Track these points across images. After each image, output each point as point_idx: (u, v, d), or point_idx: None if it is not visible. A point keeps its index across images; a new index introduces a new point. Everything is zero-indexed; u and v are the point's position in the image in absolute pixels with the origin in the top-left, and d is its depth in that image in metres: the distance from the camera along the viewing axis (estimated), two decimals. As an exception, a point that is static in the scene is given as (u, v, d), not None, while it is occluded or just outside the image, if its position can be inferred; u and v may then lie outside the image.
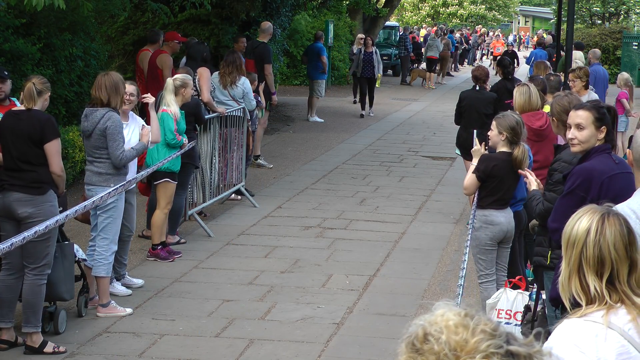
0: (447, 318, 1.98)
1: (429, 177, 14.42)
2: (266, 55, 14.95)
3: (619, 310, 2.91)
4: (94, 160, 7.52)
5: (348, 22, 29.76)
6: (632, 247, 2.98)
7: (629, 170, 5.06)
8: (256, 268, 9.07)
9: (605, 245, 2.95)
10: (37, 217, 6.53)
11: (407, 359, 1.98)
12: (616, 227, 2.98)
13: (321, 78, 20.35)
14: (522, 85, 8.49)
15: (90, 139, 7.47)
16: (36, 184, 6.63)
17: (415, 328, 2.00)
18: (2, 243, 5.52)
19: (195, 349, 6.89)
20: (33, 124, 6.64)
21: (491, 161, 7.24)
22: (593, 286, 2.95)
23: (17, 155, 6.66)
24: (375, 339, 7.24)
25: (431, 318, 1.99)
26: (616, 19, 45.33)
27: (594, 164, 5.22)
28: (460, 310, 2.00)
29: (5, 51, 11.31)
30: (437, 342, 1.94)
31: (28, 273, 6.68)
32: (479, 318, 1.98)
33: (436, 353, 1.94)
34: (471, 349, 1.93)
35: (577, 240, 2.99)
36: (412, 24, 57.96)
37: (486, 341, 1.93)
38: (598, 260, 2.95)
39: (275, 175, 14.13)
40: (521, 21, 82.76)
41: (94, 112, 7.42)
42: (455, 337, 1.94)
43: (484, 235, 7.24)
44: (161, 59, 12.89)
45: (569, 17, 14.15)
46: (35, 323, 6.67)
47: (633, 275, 2.98)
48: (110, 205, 7.48)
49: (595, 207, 3.06)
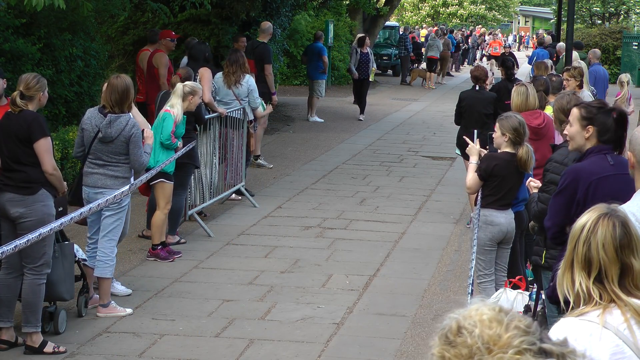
0: (481, 312, 1.99)
1: (429, 177, 14.43)
2: (266, 56, 14.95)
3: (613, 310, 2.90)
4: (109, 164, 7.50)
5: (348, 22, 29.76)
6: (624, 251, 2.93)
7: (625, 172, 5.07)
8: (256, 268, 9.07)
9: (594, 244, 2.94)
10: (29, 217, 6.56)
11: (440, 352, 1.99)
12: (608, 228, 2.94)
13: (321, 78, 20.34)
14: (520, 85, 8.52)
15: (112, 144, 7.45)
16: (26, 184, 6.63)
17: (449, 321, 2.01)
18: (6, 245, 5.55)
19: (195, 349, 6.89)
20: (20, 124, 6.64)
21: (493, 160, 7.24)
22: (578, 282, 2.94)
23: (9, 155, 6.69)
24: (375, 339, 7.24)
25: (465, 312, 2.01)
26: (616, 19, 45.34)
27: (584, 164, 5.25)
28: (494, 305, 2.02)
29: (5, 51, 11.31)
30: (471, 336, 1.96)
31: (27, 273, 6.68)
32: (513, 314, 2.00)
33: (469, 346, 1.95)
34: (504, 344, 1.94)
35: (573, 236, 3.00)
36: (412, 24, 57.96)
37: (519, 337, 1.95)
38: (585, 258, 2.94)
39: (275, 175, 14.13)
40: (521, 21, 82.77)
41: (118, 119, 7.42)
42: (489, 332, 1.95)
43: (483, 235, 7.24)
44: (156, 58, 12.93)
45: (569, 17, 14.17)
46: (35, 323, 6.67)
47: (627, 277, 2.94)
48: (119, 207, 7.50)
49: (600, 207, 3.03)
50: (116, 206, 7.46)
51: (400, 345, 7.12)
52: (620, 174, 5.15)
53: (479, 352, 1.94)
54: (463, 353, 1.96)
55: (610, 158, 5.26)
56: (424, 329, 7.47)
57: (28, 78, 6.80)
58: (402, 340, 7.22)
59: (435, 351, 2.00)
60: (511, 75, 12.69)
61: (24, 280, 6.70)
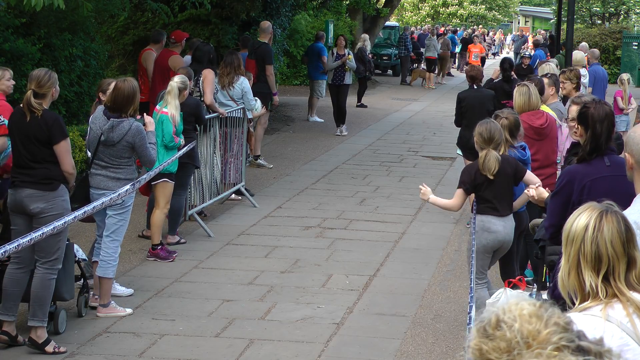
0: (521, 307, 2.00)
1: (429, 177, 14.41)
2: (267, 56, 14.94)
3: (615, 305, 2.95)
4: (111, 166, 7.50)
5: (348, 22, 29.75)
6: (629, 244, 3.01)
7: (621, 173, 5.09)
8: (256, 268, 9.07)
9: (602, 242, 2.99)
10: (50, 212, 6.63)
11: (477, 344, 2.00)
12: (614, 224, 3.01)
13: (321, 78, 20.33)
14: (522, 85, 8.50)
15: (114, 148, 7.46)
16: (47, 180, 6.70)
17: (488, 314, 2.02)
18: (22, 238, 5.60)
19: (195, 349, 6.89)
20: (40, 126, 6.66)
21: (472, 169, 7.18)
22: (589, 282, 2.99)
23: (26, 154, 6.72)
24: (375, 339, 7.24)
25: (505, 306, 2.01)
26: (616, 19, 45.34)
27: (579, 167, 5.35)
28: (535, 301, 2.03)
29: (5, 51, 11.31)
30: (510, 330, 1.96)
31: (39, 267, 6.72)
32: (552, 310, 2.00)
33: (508, 340, 1.96)
34: (543, 340, 1.94)
35: (575, 237, 3.04)
36: (412, 24, 57.96)
37: (559, 334, 1.96)
38: (595, 256, 2.99)
39: (275, 175, 14.13)
40: (521, 21, 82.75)
41: (120, 124, 7.41)
42: (529, 326, 1.96)
43: (477, 242, 7.14)
44: (174, 60, 12.83)
45: (569, 17, 14.18)
46: (42, 317, 6.69)
47: (632, 271, 3.01)
48: (123, 207, 7.52)
49: (595, 205, 3.09)
50: (120, 206, 7.47)
51: (400, 345, 7.12)
52: (616, 175, 5.17)
53: (517, 346, 1.94)
54: (501, 347, 1.96)
55: (607, 159, 5.28)
56: (424, 329, 7.47)
57: (39, 75, 6.73)
58: (402, 340, 7.22)
59: (473, 344, 2.00)
60: (508, 77, 12.77)
61: (35, 274, 6.73)
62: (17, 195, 6.72)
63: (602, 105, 5.47)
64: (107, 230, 7.57)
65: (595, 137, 5.30)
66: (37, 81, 6.70)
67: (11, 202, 6.77)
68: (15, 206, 6.74)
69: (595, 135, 5.30)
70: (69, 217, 6.35)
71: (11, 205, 6.78)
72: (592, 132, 5.31)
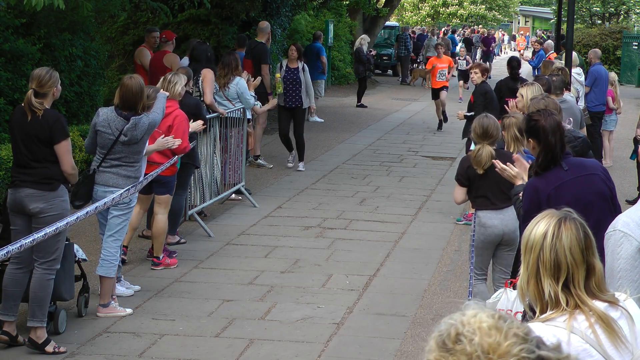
0: (480, 319, 1.98)
1: (429, 177, 14.42)
2: (263, 56, 14.96)
3: (577, 316, 2.93)
4: (126, 164, 7.48)
5: (348, 22, 29.75)
6: (588, 251, 2.98)
7: (583, 173, 5.09)
8: (256, 268, 9.07)
9: (561, 249, 2.95)
10: (49, 212, 6.63)
11: (437, 357, 1.98)
12: (572, 231, 2.98)
13: (320, 78, 20.36)
14: (529, 84, 8.48)
15: (136, 145, 7.46)
16: (47, 180, 6.68)
17: (446, 327, 1.99)
18: (24, 239, 5.59)
19: (195, 349, 6.89)
20: (41, 125, 6.65)
21: (465, 162, 7.23)
22: (548, 290, 2.96)
23: (27, 153, 6.71)
24: (375, 339, 7.24)
25: (464, 318, 1.99)
26: (616, 19, 45.32)
27: (538, 179, 5.17)
28: (492, 312, 2.01)
29: (5, 51, 11.31)
30: (470, 344, 1.94)
31: (37, 267, 6.71)
32: (511, 321, 1.98)
33: (468, 354, 1.94)
34: (503, 352, 1.93)
35: (534, 245, 2.99)
36: (412, 24, 57.95)
37: (519, 345, 1.94)
38: (554, 264, 2.96)
39: (275, 175, 14.13)
40: (521, 21, 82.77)
41: (141, 120, 7.43)
42: (489, 339, 1.94)
43: (476, 237, 7.16)
44: (168, 58, 12.85)
45: (569, 17, 14.16)
46: (41, 318, 6.68)
47: (591, 278, 2.98)
48: (127, 207, 7.52)
49: (553, 212, 3.05)
50: (124, 206, 7.47)
51: (400, 345, 7.12)
52: (578, 177, 5.12)
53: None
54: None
55: (564, 163, 5.19)
56: (424, 329, 7.46)
57: (40, 74, 6.69)
58: (402, 340, 7.22)
59: (432, 357, 1.98)
60: (515, 75, 12.87)
61: (33, 274, 6.72)
62: (17, 195, 6.71)
63: (551, 115, 5.27)
64: (110, 229, 7.56)
65: (550, 149, 5.13)
66: (38, 80, 6.67)
67: (11, 201, 6.76)
68: (15, 206, 6.74)
69: (550, 147, 5.13)
70: (72, 218, 6.35)
71: (11, 205, 6.77)
72: (545, 145, 5.14)
